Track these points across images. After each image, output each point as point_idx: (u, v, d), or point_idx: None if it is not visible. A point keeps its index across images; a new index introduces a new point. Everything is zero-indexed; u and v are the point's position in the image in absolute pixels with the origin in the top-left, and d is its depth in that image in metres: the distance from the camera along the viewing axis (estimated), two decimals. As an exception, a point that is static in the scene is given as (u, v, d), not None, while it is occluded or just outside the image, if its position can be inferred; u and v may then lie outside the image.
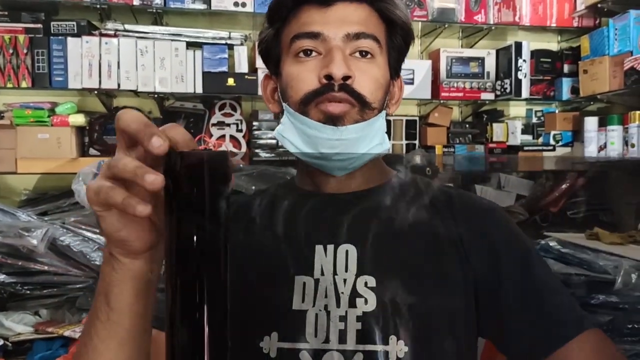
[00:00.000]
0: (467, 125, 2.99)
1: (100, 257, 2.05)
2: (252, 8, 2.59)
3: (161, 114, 2.74)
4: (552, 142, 2.97)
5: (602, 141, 2.71)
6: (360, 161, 0.71)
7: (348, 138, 0.68)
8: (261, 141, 2.72)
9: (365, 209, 0.73)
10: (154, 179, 0.43)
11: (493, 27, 2.81)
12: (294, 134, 0.71)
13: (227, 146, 2.65)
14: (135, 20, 2.63)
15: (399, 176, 0.78)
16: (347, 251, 0.70)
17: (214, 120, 2.73)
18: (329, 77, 0.68)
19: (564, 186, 2.68)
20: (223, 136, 2.70)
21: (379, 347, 0.65)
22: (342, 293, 0.67)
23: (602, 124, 2.72)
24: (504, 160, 2.94)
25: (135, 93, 2.57)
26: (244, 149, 2.73)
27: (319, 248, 0.70)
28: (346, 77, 0.68)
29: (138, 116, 0.46)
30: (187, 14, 2.67)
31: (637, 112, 2.55)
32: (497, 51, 2.89)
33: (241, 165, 2.29)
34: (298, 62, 0.70)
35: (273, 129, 2.76)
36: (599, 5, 2.72)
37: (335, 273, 0.69)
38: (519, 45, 2.80)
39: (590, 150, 2.72)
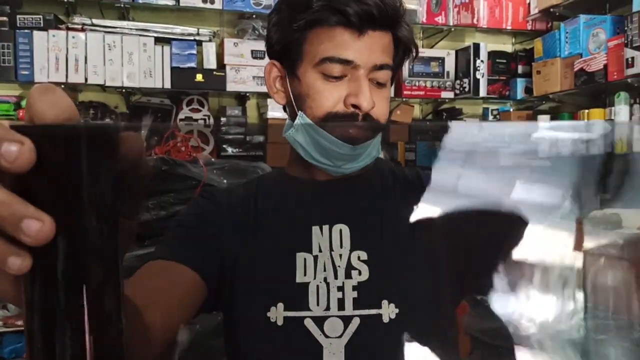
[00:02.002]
0: (428, 123, 3.11)
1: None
2: (221, 5, 2.63)
3: (128, 109, 2.75)
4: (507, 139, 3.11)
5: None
6: (359, 168, 0.79)
7: (359, 153, 0.76)
8: (229, 137, 2.76)
9: (354, 192, 0.81)
10: (39, 230, 0.29)
11: (452, 29, 2.94)
12: (308, 142, 0.76)
13: (197, 140, 2.68)
14: (102, 14, 2.63)
15: (378, 163, 0.85)
16: (340, 230, 0.77)
17: (181, 115, 2.76)
18: (355, 106, 0.74)
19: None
20: (190, 132, 2.73)
21: (373, 311, 0.73)
22: (339, 266, 0.75)
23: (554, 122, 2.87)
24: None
25: (103, 88, 2.57)
26: (211, 144, 2.76)
27: (315, 229, 0.77)
28: (370, 108, 0.75)
29: None
30: (154, 9, 2.68)
31: (586, 110, 2.71)
32: (457, 52, 3.02)
33: (212, 159, 2.32)
34: (325, 81, 0.75)
35: (241, 125, 2.81)
36: (551, 10, 2.88)
37: (331, 249, 0.76)
38: (477, 47, 2.93)
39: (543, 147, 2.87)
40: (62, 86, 2.50)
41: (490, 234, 0.73)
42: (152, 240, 1.53)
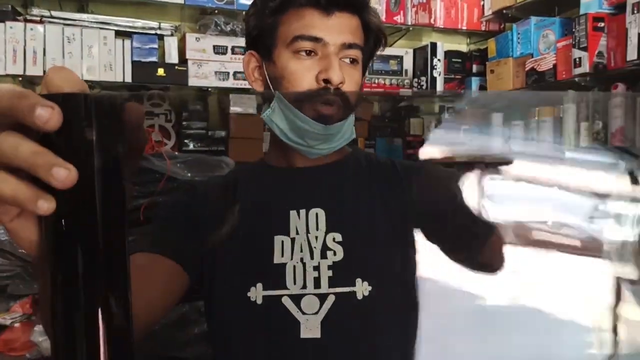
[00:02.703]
0: (387, 120, 3.19)
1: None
2: (183, 0, 2.63)
3: (87, 103, 2.72)
4: (462, 136, 3.22)
5: (506, 135, 2.98)
6: (334, 150, 0.83)
7: (332, 133, 0.80)
8: (190, 131, 2.77)
9: (329, 178, 0.86)
10: (67, 176, 0.34)
11: (411, 28, 3.02)
12: (283, 121, 0.80)
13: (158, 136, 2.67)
14: (60, 7, 2.59)
15: (354, 151, 0.90)
16: (317, 214, 0.81)
17: (142, 110, 2.74)
18: (327, 81, 0.78)
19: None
20: (152, 126, 2.72)
21: (347, 289, 0.77)
22: (315, 248, 0.79)
23: (507, 119, 2.99)
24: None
25: (61, 81, 2.53)
26: (173, 139, 2.76)
27: (292, 213, 0.82)
28: (340, 83, 0.79)
29: (6, 89, 0.36)
30: (113, 2, 2.66)
31: (537, 108, 2.83)
32: (414, 50, 3.10)
33: (176, 153, 2.33)
34: (297, 60, 0.79)
35: (203, 120, 2.82)
36: (504, 12, 3.00)
37: (308, 232, 0.80)
38: (434, 46, 3.03)
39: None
40: (20, 79, 2.46)
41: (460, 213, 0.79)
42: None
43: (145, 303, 0.70)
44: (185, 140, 2.76)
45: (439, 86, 3.03)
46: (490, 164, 0.72)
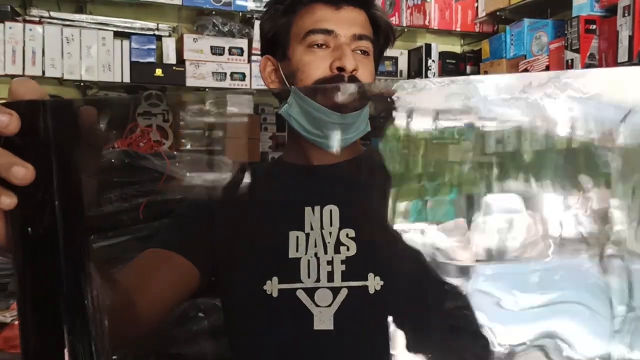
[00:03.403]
0: (382, 120, 3.21)
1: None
2: (180, 1, 2.66)
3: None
4: (456, 136, 3.26)
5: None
6: (351, 141, 0.85)
7: (348, 123, 0.82)
8: (188, 131, 2.79)
9: (344, 176, 0.88)
10: (24, 174, 0.39)
11: (405, 29, 3.06)
12: (300, 115, 0.82)
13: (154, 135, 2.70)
14: (59, 7, 2.62)
15: (368, 149, 0.93)
16: (331, 210, 0.83)
17: (139, 110, 2.76)
18: (341, 69, 0.81)
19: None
20: (150, 126, 2.74)
21: (360, 283, 0.79)
22: (329, 243, 0.81)
23: (500, 120, 3.03)
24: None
25: (60, 81, 2.56)
26: (171, 139, 2.78)
27: (307, 209, 0.83)
28: (353, 70, 0.81)
29: None
30: (112, 3, 2.69)
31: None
32: (409, 51, 3.14)
33: (174, 153, 2.36)
34: (311, 52, 0.82)
35: (200, 120, 2.84)
36: (498, 14, 3.04)
37: (322, 228, 0.82)
38: (428, 47, 3.06)
39: (490, 143, 3.03)
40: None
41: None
42: (116, 231, 1.56)
43: (152, 297, 0.73)
44: (183, 140, 2.78)
45: (434, 87, 3.06)
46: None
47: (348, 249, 0.81)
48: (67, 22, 2.51)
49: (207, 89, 2.82)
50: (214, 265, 0.84)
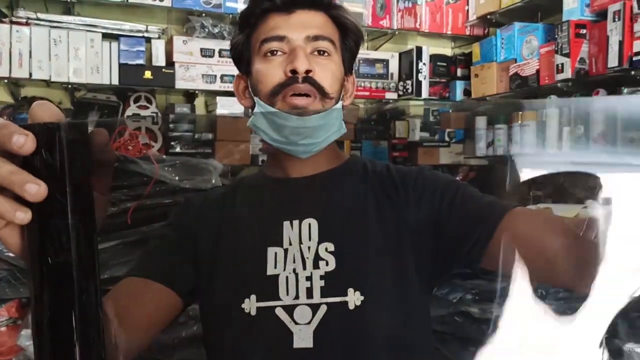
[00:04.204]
0: (373, 123, 3.21)
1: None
2: (170, 2, 2.63)
3: (72, 105, 2.71)
4: (447, 138, 3.26)
5: (490, 138, 3.01)
6: (321, 145, 0.83)
7: (311, 126, 0.80)
8: (177, 134, 2.77)
9: (323, 188, 0.86)
10: (37, 190, 0.42)
11: (397, 32, 3.05)
12: (265, 124, 0.82)
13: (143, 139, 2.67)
14: (46, 9, 2.58)
15: (350, 159, 0.91)
16: (309, 224, 0.82)
17: (128, 112, 2.74)
18: (294, 72, 0.79)
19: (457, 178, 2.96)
20: (139, 128, 2.72)
21: (339, 299, 0.77)
22: (307, 258, 0.80)
23: (490, 123, 3.03)
24: (405, 155, 3.19)
25: (47, 83, 2.52)
26: (160, 141, 2.76)
27: (286, 223, 0.82)
28: (308, 71, 0.80)
29: None
30: (100, 5, 2.66)
31: (520, 112, 2.88)
32: (400, 54, 3.13)
33: (163, 156, 2.33)
34: (266, 61, 0.82)
35: (190, 123, 2.82)
36: (488, 17, 3.04)
37: (300, 242, 0.81)
38: (419, 50, 3.06)
39: (480, 146, 3.02)
40: (5, 81, 2.44)
41: (457, 224, 0.78)
42: (102, 236, 1.54)
43: (134, 327, 0.71)
44: (172, 143, 2.77)
45: (424, 90, 3.06)
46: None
47: (327, 264, 0.79)
48: (55, 24, 2.48)
49: (197, 92, 2.80)
50: (197, 282, 0.82)
